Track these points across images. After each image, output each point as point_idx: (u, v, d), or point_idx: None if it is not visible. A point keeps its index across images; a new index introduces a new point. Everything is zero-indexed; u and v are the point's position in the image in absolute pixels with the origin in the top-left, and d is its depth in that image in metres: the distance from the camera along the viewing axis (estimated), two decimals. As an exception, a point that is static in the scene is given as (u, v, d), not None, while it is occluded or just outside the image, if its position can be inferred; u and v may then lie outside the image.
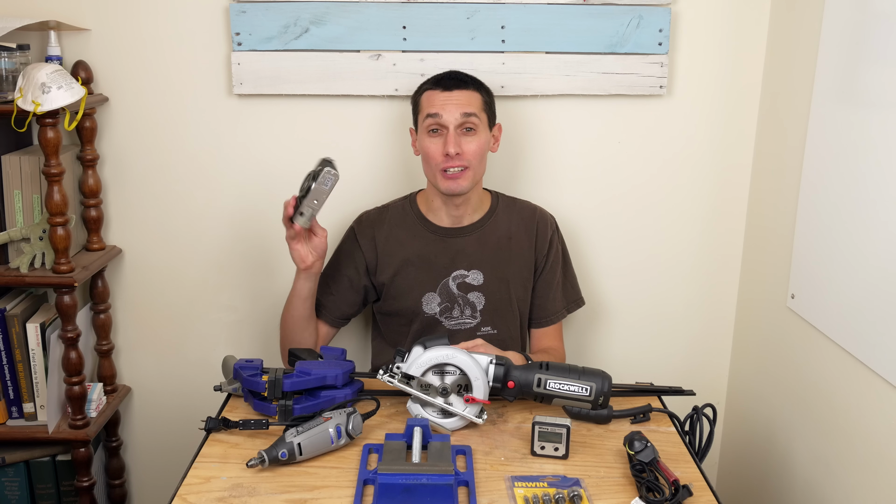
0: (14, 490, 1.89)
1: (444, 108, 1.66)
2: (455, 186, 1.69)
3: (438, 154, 1.67)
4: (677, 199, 2.00)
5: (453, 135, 1.66)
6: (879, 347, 1.44)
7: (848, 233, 1.54)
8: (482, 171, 1.74)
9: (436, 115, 1.66)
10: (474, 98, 1.70)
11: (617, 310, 2.07)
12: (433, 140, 1.68)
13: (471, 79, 1.72)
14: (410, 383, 1.44)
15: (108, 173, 1.95)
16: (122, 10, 1.86)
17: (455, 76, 1.72)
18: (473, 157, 1.68)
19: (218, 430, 1.43)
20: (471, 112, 1.67)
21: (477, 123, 1.68)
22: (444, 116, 1.66)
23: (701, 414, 1.49)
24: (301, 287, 1.70)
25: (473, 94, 1.70)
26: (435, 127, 1.67)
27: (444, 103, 1.67)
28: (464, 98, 1.68)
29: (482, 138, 1.69)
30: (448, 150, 1.65)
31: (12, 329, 1.78)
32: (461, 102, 1.67)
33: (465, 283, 1.77)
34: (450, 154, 1.65)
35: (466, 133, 1.67)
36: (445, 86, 1.69)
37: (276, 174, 1.96)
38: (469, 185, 1.70)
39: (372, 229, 1.81)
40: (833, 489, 1.60)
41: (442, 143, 1.66)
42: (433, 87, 1.70)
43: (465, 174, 1.68)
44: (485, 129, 1.71)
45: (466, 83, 1.70)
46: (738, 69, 1.93)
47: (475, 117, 1.67)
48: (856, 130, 1.52)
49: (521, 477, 1.30)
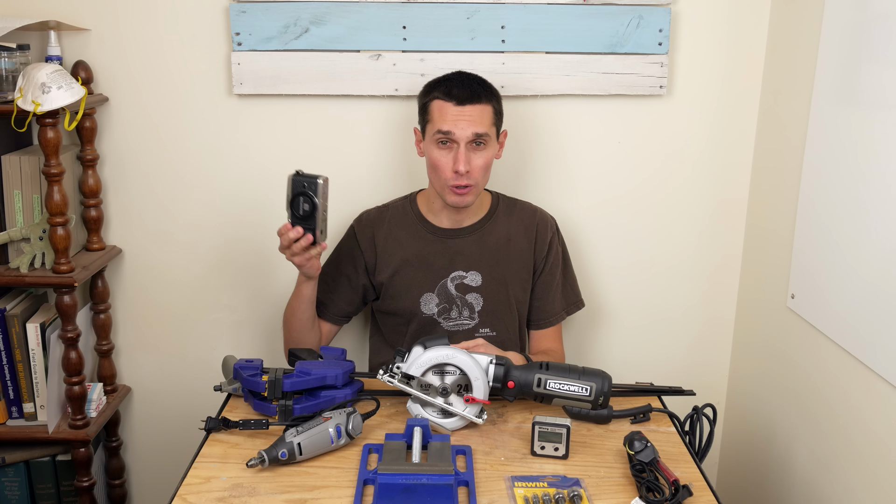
0: (14, 490, 1.89)
1: (455, 125, 1.63)
2: (461, 202, 1.69)
3: (448, 169, 1.65)
4: (677, 199, 2.01)
5: (464, 151, 1.63)
6: (879, 347, 1.44)
7: (848, 233, 1.54)
8: (487, 180, 1.74)
9: (448, 132, 1.64)
10: (486, 113, 1.66)
11: (617, 310, 2.07)
12: (442, 153, 1.66)
13: (483, 90, 1.67)
14: (410, 383, 1.44)
15: (108, 173, 1.95)
16: (122, 10, 1.86)
17: (468, 86, 1.66)
18: (480, 172, 1.67)
19: (218, 430, 1.43)
20: (482, 132, 1.64)
21: (488, 140, 1.67)
22: (456, 134, 1.64)
23: (701, 414, 1.49)
24: (310, 292, 1.70)
25: (486, 108, 1.66)
26: (445, 140, 1.66)
27: (456, 120, 1.63)
28: (476, 115, 1.64)
29: (490, 152, 1.68)
30: (458, 167, 1.63)
31: (12, 329, 1.78)
32: (473, 121, 1.64)
33: (464, 285, 1.77)
34: (459, 171, 1.64)
35: (476, 148, 1.66)
36: (459, 99, 1.64)
37: (276, 174, 1.96)
38: (474, 199, 1.71)
39: (371, 229, 1.81)
40: (833, 489, 1.60)
41: (452, 157, 1.65)
42: (445, 97, 1.65)
43: (471, 190, 1.68)
44: (493, 142, 1.69)
45: (479, 97, 1.65)
46: (738, 69, 1.93)
47: (485, 137, 1.65)
48: (856, 130, 1.52)
49: (521, 477, 1.30)
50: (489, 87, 1.70)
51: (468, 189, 1.67)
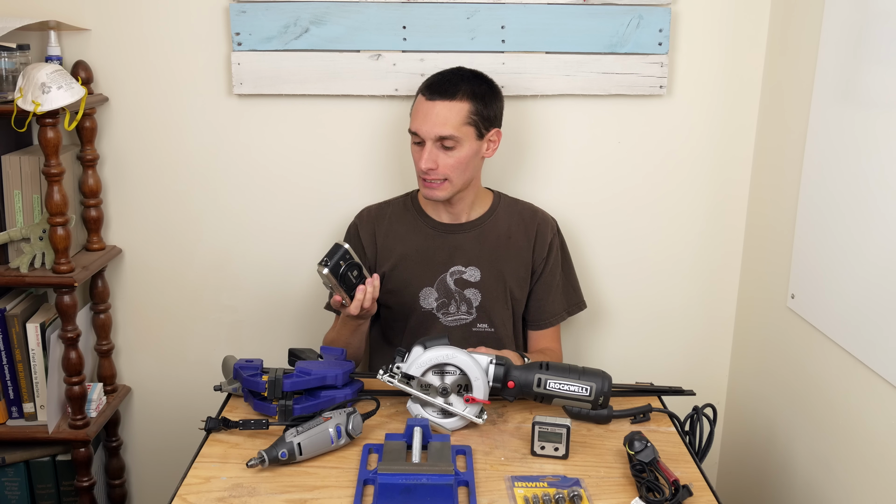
0: (14, 490, 1.89)
1: (421, 126, 1.65)
2: (431, 195, 1.71)
3: (418, 164, 1.69)
4: (677, 198, 2.00)
5: (429, 149, 1.65)
6: (879, 347, 1.44)
7: (848, 233, 1.54)
8: (467, 178, 1.72)
9: (414, 132, 1.67)
10: (457, 112, 1.64)
11: (617, 310, 2.07)
12: (416, 148, 1.70)
13: (466, 83, 1.67)
14: (410, 383, 1.44)
15: (108, 173, 1.95)
16: (122, 10, 1.86)
17: (449, 80, 1.67)
18: (451, 170, 1.67)
19: (218, 430, 1.43)
20: (445, 135, 1.64)
21: (456, 142, 1.65)
22: (421, 133, 1.66)
23: (701, 414, 1.49)
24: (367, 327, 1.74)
25: (458, 104, 1.64)
26: (417, 140, 1.69)
27: (423, 119, 1.65)
28: (443, 114, 1.64)
29: (463, 152, 1.67)
30: (420, 164, 1.66)
31: (12, 329, 1.78)
32: (438, 121, 1.64)
33: (462, 280, 1.78)
34: (422, 169, 1.67)
35: (445, 149, 1.66)
36: (432, 92, 1.65)
37: (276, 174, 1.96)
38: (447, 194, 1.71)
39: (372, 224, 1.82)
40: (833, 489, 1.60)
41: (421, 153, 1.68)
42: (424, 90, 1.68)
43: (442, 185, 1.69)
44: (469, 142, 1.67)
45: (455, 92, 1.64)
46: (737, 69, 1.93)
47: (451, 139, 1.64)
48: (856, 130, 1.52)
49: (521, 477, 1.30)
50: (476, 83, 1.68)
51: (439, 184, 1.69)
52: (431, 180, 1.69)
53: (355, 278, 1.56)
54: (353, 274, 1.55)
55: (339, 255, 1.53)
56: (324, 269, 1.51)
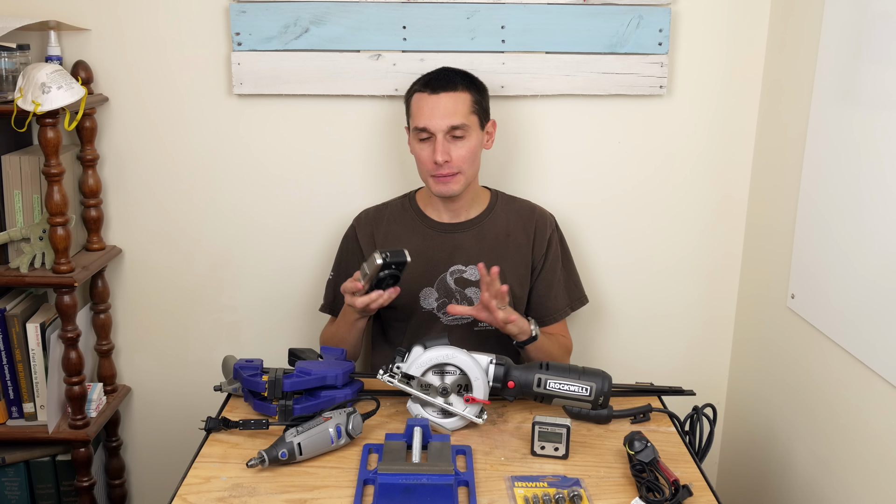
0: (14, 490, 1.89)
1: (430, 120, 1.65)
2: (446, 189, 1.70)
3: (429, 160, 1.68)
4: (677, 198, 2.00)
5: (441, 142, 1.65)
6: (879, 347, 1.44)
7: (848, 232, 1.54)
8: (476, 171, 1.75)
9: (423, 128, 1.67)
10: (462, 101, 1.67)
11: (617, 309, 2.07)
12: (423, 146, 1.69)
13: (460, 77, 1.70)
14: (410, 383, 1.44)
15: (108, 173, 1.95)
16: (122, 10, 1.86)
17: (443, 75, 1.70)
18: (463, 161, 1.68)
19: (218, 430, 1.43)
20: (457, 124, 1.65)
21: (466, 131, 1.67)
22: (431, 128, 1.66)
23: (701, 414, 1.49)
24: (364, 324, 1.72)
25: (461, 94, 1.67)
26: (424, 137, 1.68)
27: (431, 114, 1.66)
28: (451, 105, 1.66)
29: (472, 141, 1.69)
30: (436, 157, 1.65)
31: (12, 329, 1.78)
32: (447, 112, 1.65)
33: (463, 279, 1.78)
34: (438, 162, 1.66)
35: (455, 140, 1.67)
36: (433, 87, 1.67)
37: (276, 174, 1.96)
38: (461, 187, 1.71)
39: (371, 227, 1.82)
40: (833, 489, 1.60)
41: (431, 149, 1.67)
42: (422, 88, 1.69)
43: (456, 178, 1.69)
44: (476, 131, 1.70)
45: (455, 83, 1.68)
46: (738, 69, 1.93)
47: (462, 128, 1.66)
48: (856, 130, 1.52)
49: (521, 477, 1.30)
50: (468, 77, 1.72)
51: (452, 177, 1.68)
52: (445, 174, 1.68)
53: (385, 284, 1.56)
54: (389, 280, 1.56)
55: (398, 259, 1.52)
56: (378, 258, 1.49)
